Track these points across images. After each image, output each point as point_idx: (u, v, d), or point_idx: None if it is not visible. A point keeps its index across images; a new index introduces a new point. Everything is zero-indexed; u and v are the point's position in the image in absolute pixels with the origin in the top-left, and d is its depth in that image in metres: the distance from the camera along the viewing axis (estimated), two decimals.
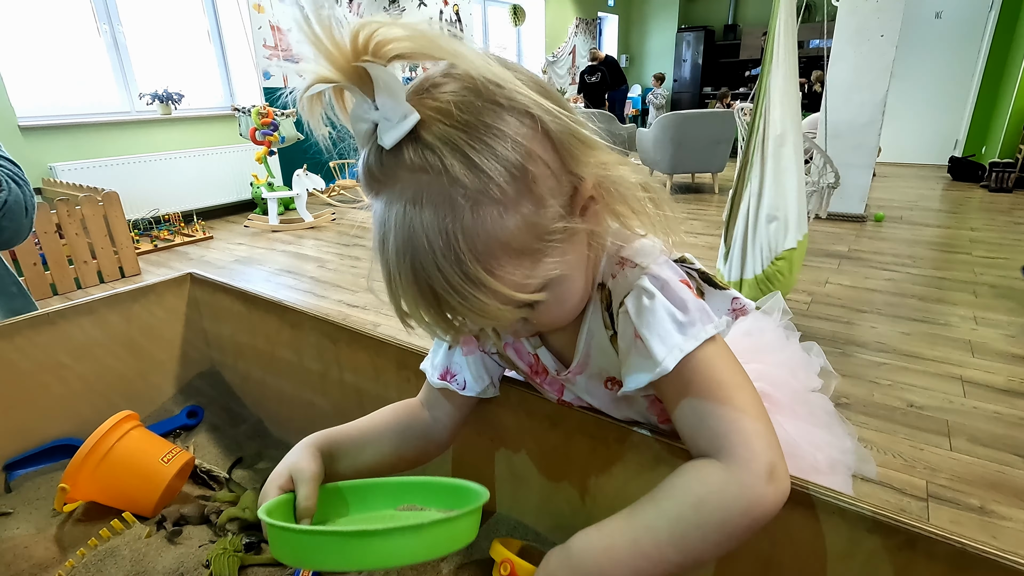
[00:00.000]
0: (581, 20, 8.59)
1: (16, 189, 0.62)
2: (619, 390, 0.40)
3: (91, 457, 0.56)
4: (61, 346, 0.67)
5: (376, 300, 2.30)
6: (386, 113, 0.30)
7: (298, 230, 4.00)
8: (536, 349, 0.46)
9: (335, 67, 0.31)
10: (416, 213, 0.30)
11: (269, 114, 3.67)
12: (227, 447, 0.74)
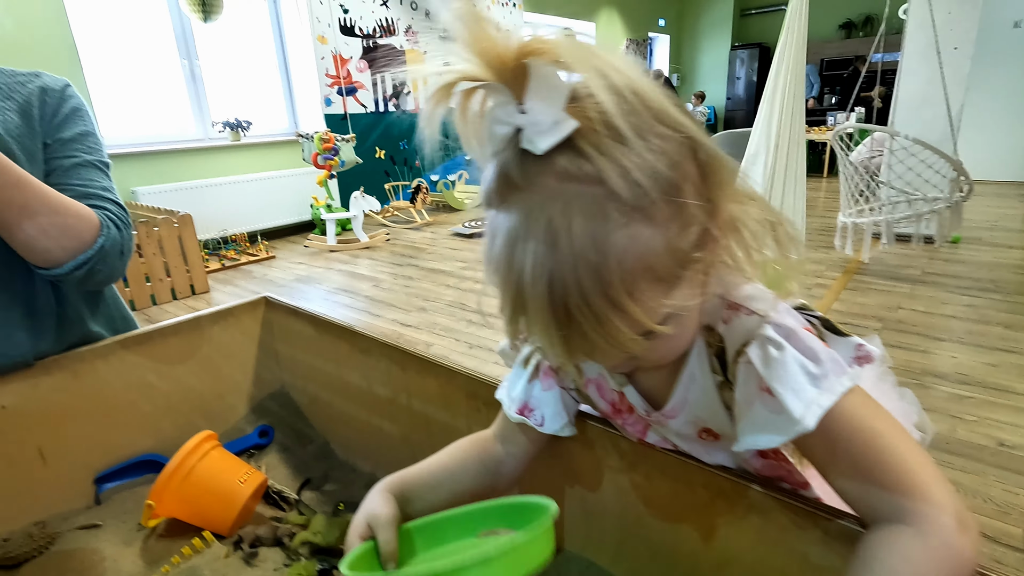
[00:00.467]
0: (631, 41, 8.60)
1: (115, 233, 0.65)
2: (717, 443, 0.38)
3: (175, 476, 0.58)
4: (149, 366, 0.71)
5: (427, 320, 2.34)
6: (538, 116, 0.29)
7: (354, 250, 4.13)
8: (622, 387, 0.44)
9: (489, 65, 0.30)
10: (563, 224, 0.28)
11: (330, 139, 3.83)
12: (296, 467, 0.75)
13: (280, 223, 4.61)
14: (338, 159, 3.88)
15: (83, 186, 0.67)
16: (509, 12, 6.40)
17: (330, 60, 4.73)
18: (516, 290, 0.31)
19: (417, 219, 4.87)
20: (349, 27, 4.84)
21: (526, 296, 0.30)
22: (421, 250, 4.03)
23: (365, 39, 4.99)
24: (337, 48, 4.77)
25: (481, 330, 2.53)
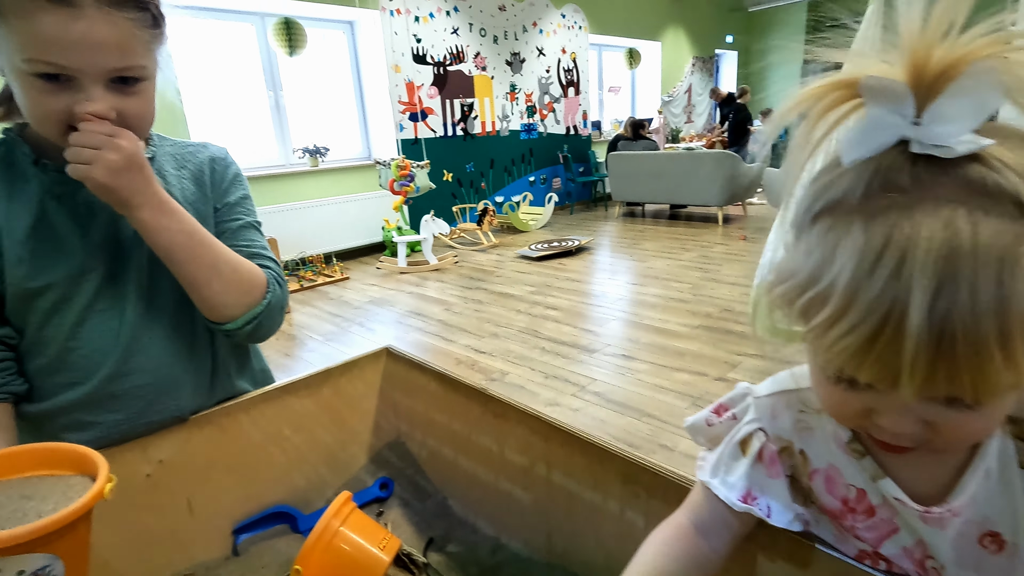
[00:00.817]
0: (698, 59, 8.45)
1: (278, 290, 0.69)
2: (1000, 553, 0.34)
3: (320, 541, 0.59)
4: (285, 418, 0.73)
5: (501, 347, 2.32)
6: (947, 125, 0.27)
7: (423, 272, 4.22)
8: (876, 480, 0.39)
9: (912, 65, 0.28)
10: (968, 232, 0.25)
11: (407, 166, 3.94)
12: (417, 524, 0.75)
13: (353, 244, 4.77)
14: (413, 185, 3.99)
15: (248, 246, 0.71)
16: (575, 35, 6.43)
17: (403, 87, 4.90)
18: (886, 312, 0.27)
19: (484, 241, 4.92)
20: (421, 55, 5.01)
21: (899, 320, 0.26)
22: (489, 273, 4.06)
23: (436, 66, 5.14)
24: (410, 76, 4.94)
25: (555, 359, 2.50)
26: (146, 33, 0.53)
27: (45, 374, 0.62)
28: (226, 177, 0.72)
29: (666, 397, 2.08)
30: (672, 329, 2.75)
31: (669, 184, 5.45)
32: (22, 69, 0.49)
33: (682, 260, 4.06)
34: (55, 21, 0.46)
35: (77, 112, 0.50)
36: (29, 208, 0.58)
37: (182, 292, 0.66)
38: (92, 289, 0.61)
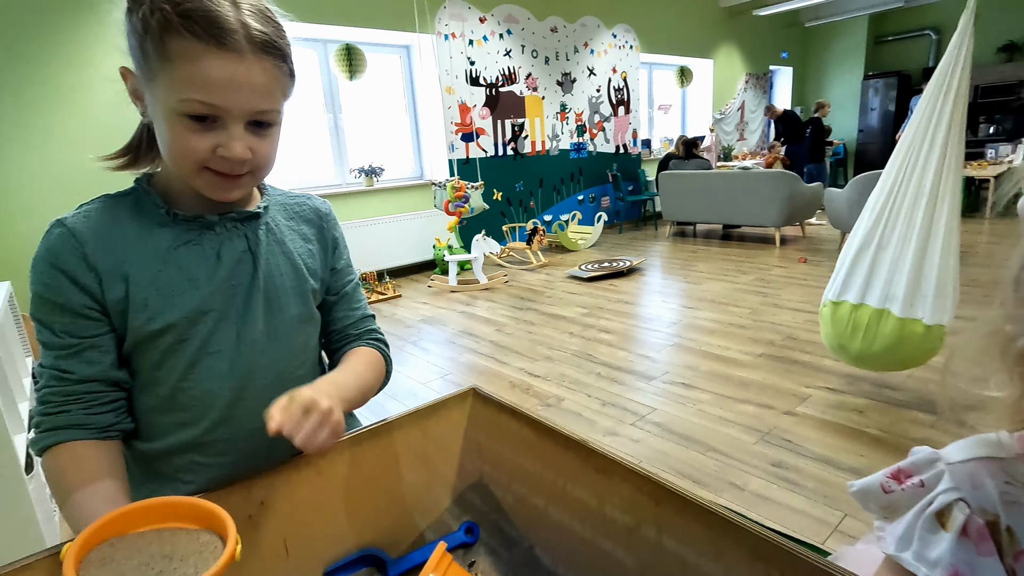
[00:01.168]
0: (751, 75, 8.28)
1: (390, 363, 0.78)
2: None
3: None
4: (376, 459, 0.72)
5: (555, 370, 2.29)
6: None
7: (473, 290, 4.24)
8: None
9: None
10: None
11: (462, 188, 3.99)
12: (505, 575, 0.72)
13: (404, 262, 4.85)
14: (468, 206, 4.04)
15: (359, 308, 0.77)
16: (626, 54, 6.42)
17: (456, 109, 4.99)
18: None
19: (533, 260, 4.91)
20: (474, 77, 5.09)
21: None
22: (539, 293, 4.04)
23: (488, 88, 5.22)
24: (463, 97, 5.02)
25: (612, 385, 2.44)
26: (285, 81, 0.58)
27: (157, 413, 0.64)
28: (337, 238, 0.76)
29: (731, 430, 2.00)
30: (733, 357, 2.65)
31: (723, 204, 5.32)
32: (175, 109, 0.52)
33: (739, 283, 3.94)
34: (219, 64, 0.51)
35: (219, 154, 0.55)
36: (158, 255, 0.60)
37: (294, 337, 0.68)
38: (207, 331, 0.62)
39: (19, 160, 3.09)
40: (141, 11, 0.51)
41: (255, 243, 0.65)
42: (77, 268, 0.56)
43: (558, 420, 2.32)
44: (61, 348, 0.57)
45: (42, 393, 0.58)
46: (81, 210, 0.60)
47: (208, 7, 0.50)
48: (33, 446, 0.57)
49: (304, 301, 0.69)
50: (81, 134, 3.25)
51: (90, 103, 3.26)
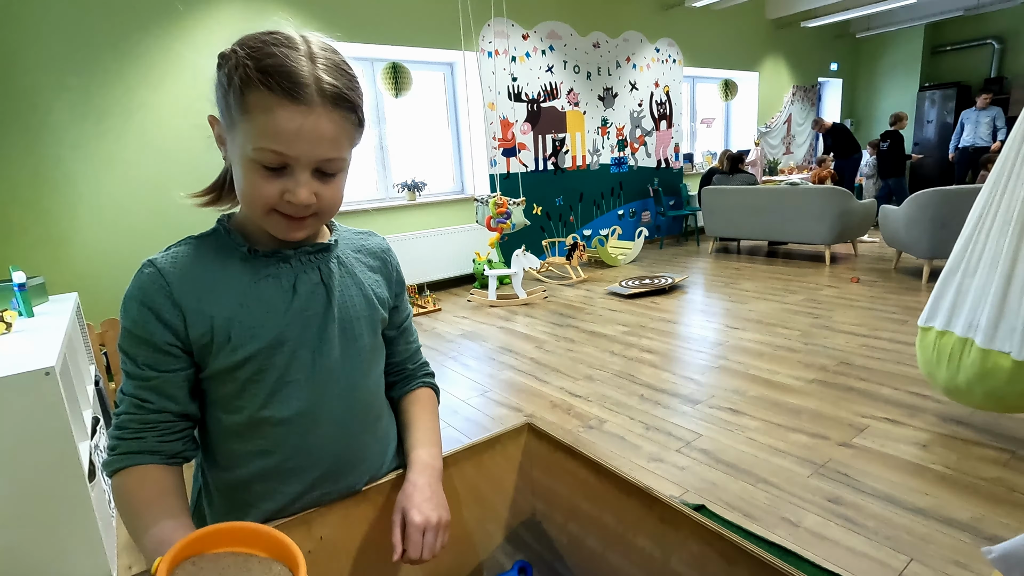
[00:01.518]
0: (798, 88, 8.07)
1: (439, 396, 0.84)
2: None
3: None
4: None
5: (596, 391, 2.25)
6: None
7: (512, 306, 4.23)
8: None
9: None
10: None
11: (504, 204, 4.01)
12: None
13: (444, 276, 4.90)
14: (510, 222, 4.05)
15: (414, 341, 0.82)
16: (669, 68, 6.36)
17: (498, 124, 5.03)
18: None
19: (573, 276, 4.88)
20: (516, 93, 5.13)
21: None
22: (579, 310, 4.00)
23: (530, 103, 5.25)
24: (504, 113, 5.07)
25: (655, 408, 2.38)
26: (352, 131, 0.61)
27: (238, 441, 0.66)
28: (400, 272, 0.79)
29: (783, 461, 1.91)
30: (783, 382, 2.55)
31: (770, 220, 5.17)
32: (250, 156, 0.56)
33: (787, 303, 3.81)
34: (289, 116, 0.54)
35: (286, 199, 0.58)
36: (239, 290, 0.63)
37: (366, 366, 0.71)
38: (285, 360, 0.64)
39: (87, 182, 3.27)
40: (227, 67, 0.56)
41: (328, 275, 0.68)
42: (163, 306, 0.60)
43: (600, 443, 2.29)
44: (141, 379, 0.61)
45: (121, 419, 0.61)
46: (170, 251, 0.64)
47: (285, 63, 0.54)
48: (107, 467, 0.60)
49: (375, 331, 0.73)
50: (141, 158, 3.42)
51: (150, 129, 3.43)
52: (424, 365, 0.83)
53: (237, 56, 0.55)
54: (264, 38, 0.56)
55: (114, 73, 3.28)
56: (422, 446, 0.71)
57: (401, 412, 0.78)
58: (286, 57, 0.54)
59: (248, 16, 3.68)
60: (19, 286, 1.86)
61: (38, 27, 3.05)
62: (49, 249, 3.19)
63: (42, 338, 1.60)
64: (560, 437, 0.76)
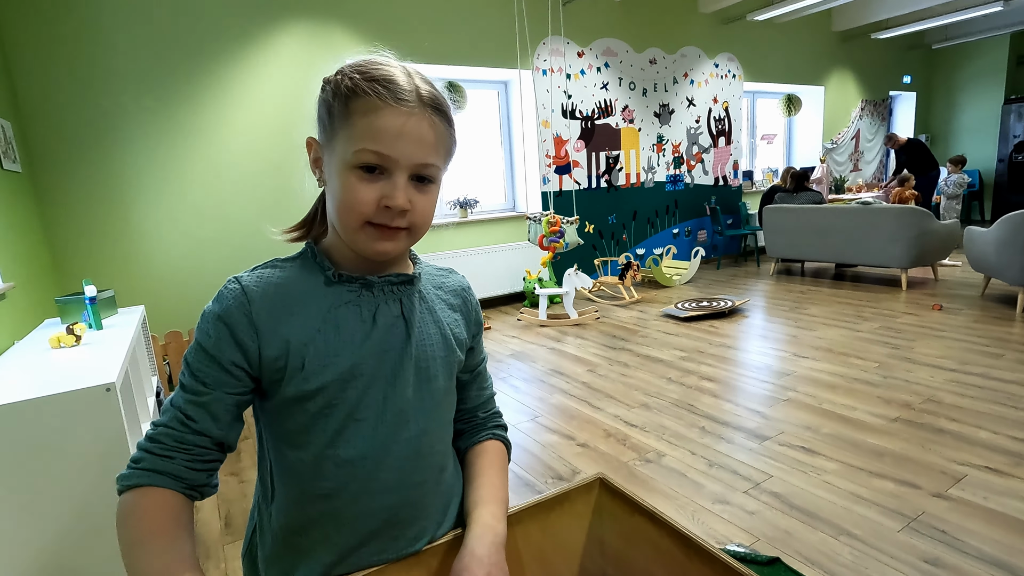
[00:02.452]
0: (868, 102, 7.67)
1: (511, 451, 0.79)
2: None
3: None
4: None
5: (653, 420, 2.11)
6: None
7: (563, 326, 4.13)
8: None
9: None
10: None
11: (557, 222, 3.95)
12: None
13: (494, 293, 4.85)
14: (563, 241, 3.98)
15: (487, 388, 0.78)
16: (728, 83, 6.17)
17: (551, 142, 4.99)
18: None
19: (625, 296, 4.74)
20: (570, 111, 5.08)
21: None
22: (632, 332, 3.86)
23: (584, 121, 5.19)
24: (558, 131, 5.02)
25: (718, 443, 2.23)
26: (448, 142, 0.61)
27: (299, 481, 0.62)
28: (479, 313, 0.76)
29: (867, 511, 1.72)
30: (861, 419, 2.34)
31: (837, 241, 4.88)
32: (349, 162, 0.57)
33: (861, 331, 3.54)
34: (392, 116, 0.56)
35: (383, 204, 0.57)
36: (319, 315, 0.61)
37: (438, 409, 0.67)
38: (356, 396, 0.61)
39: (157, 198, 3.43)
40: (332, 83, 0.59)
41: (409, 309, 0.66)
42: (240, 324, 0.59)
43: (659, 479, 2.14)
44: (193, 393, 0.59)
45: (158, 431, 0.58)
46: (256, 271, 0.63)
47: (389, 73, 0.57)
48: (123, 480, 0.56)
49: (450, 374, 0.69)
50: (206, 176, 3.56)
51: (217, 148, 3.57)
52: (496, 415, 0.78)
53: (343, 73, 0.58)
54: (369, 59, 0.60)
55: (186, 95, 3.44)
56: (485, 504, 0.65)
57: (467, 465, 0.73)
58: (391, 72, 0.58)
59: (313, 39, 3.80)
60: (90, 299, 1.92)
61: (123, 51, 3.24)
62: (119, 262, 3.34)
63: (107, 352, 1.63)
64: (632, 493, 0.67)
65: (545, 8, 4.76)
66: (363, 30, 4.00)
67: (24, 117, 3.02)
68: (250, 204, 3.67)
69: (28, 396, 1.24)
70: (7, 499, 1.23)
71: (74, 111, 3.15)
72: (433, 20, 4.27)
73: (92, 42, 3.16)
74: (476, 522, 0.62)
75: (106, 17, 3.18)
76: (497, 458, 0.73)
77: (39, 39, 3.02)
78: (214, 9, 3.47)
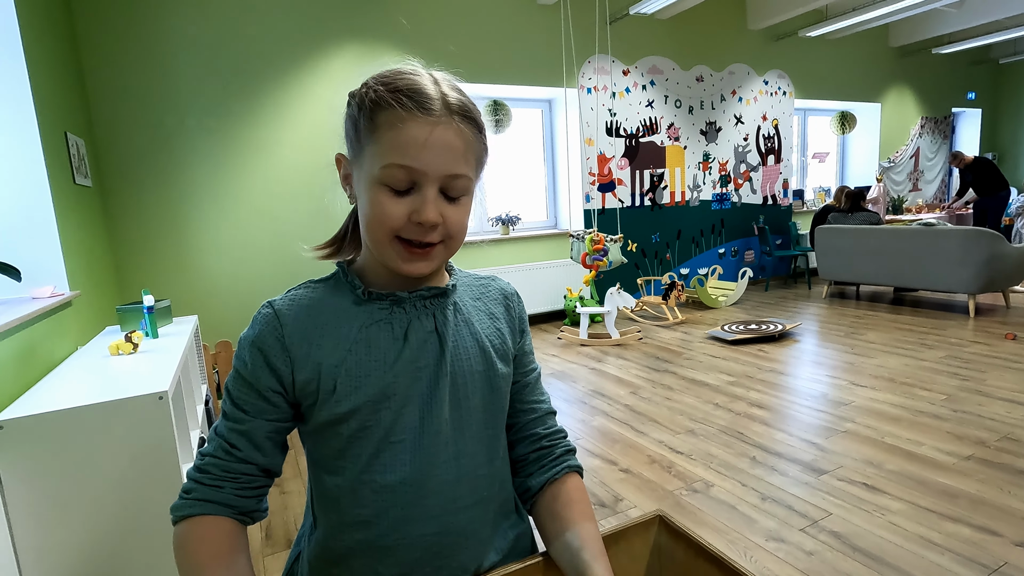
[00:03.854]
0: (928, 119, 7.34)
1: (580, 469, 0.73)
2: None
3: None
4: None
5: (700, 448, 1.99)
6: None
7: (604, 345, 4.05)
8: None
9: None
10: None
11: (601, 241, 3.90)
12: None
13: (535, 311, 4.82)
14: (606, 260, 3.92)
15: (543, 401, 0.73)
16: (778, 101, 6.02)
17: (594, 159, 4.96)
18: None
19: (669, 317, 4.62)
20: (615, 128, 5.05)
21: None
22: (676, 354, 3.74)
23: (628, 138, 5.14)
24: (602, 148, 4.99)
25: (771, 475, 2.11)
26: (478, 149, 0.59)
27: (336, 508, 0.60)
28: (524, 319, 0.72)
29: (941, 558, 1.58)
30: (930, 456, 2.17)
31: (897, 263, 4.63)
32: (377, 177, 0.55)
33: (925, 360, 3.32)
34: (418, 126, 0.54)
35: (413, 219, 0.55)
36: (350, 335, 0.60)
37: (479, 429, 0.63)
38: (391, 418, 0.59)
39: (213, 212, 3.57)
40: (358, 97, 0.57)
41: (442, 323, 0.63)
42: (273, 350, 0.59)
43: (707, 510, 2.03)
44: (235, 421, 0.59)
45: (205, 461, 0.58)
46: (289, 294, 0.63)
47: (414, 82, 0.55)
48: (177, 511, 0.57)
49: (491, 388, 0.65)
50: (261, 192, 3.68)
51: (271, 165, 3.70)
52: (560, 436, 0.72)
53: (368, 86, 0.56)
54: (392, 68, 0.58)
55: (242, 115, 3.59)
56: (596, 560, 0.58)
57: (553, 506, 0.66)
58: (415, 81, 0.55)
59: (361, 61, 3.91)
60: (148, 308, 1.99)
61: (187, 73, 3.41)
62: (175, 274, 3.48)
63: (162, 360, 1.68)
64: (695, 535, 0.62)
65: (592, 27, 4.77)
66: (410, 52, 4.09)
67: (96, 135, 3.20)
68: (298, 220, 3.77)
69: (86, 402, 1.28)
70: (60, 498, 1.26)
71: (140, 130, 3.32)
72: (480, 41, 4.34)
73: (160, 65, 3.34)
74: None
75: (173, 42, 3.36)
76: (583, 499, 0.66)
77: (113, 63, 3.22)
78: (270, 34, 3.63)
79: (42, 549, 1.25)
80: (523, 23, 4.50)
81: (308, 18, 3.72)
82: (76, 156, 2.61)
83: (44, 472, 1.24)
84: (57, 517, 1.26)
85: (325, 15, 3.78)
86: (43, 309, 1.81)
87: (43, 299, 1.96)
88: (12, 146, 2.05)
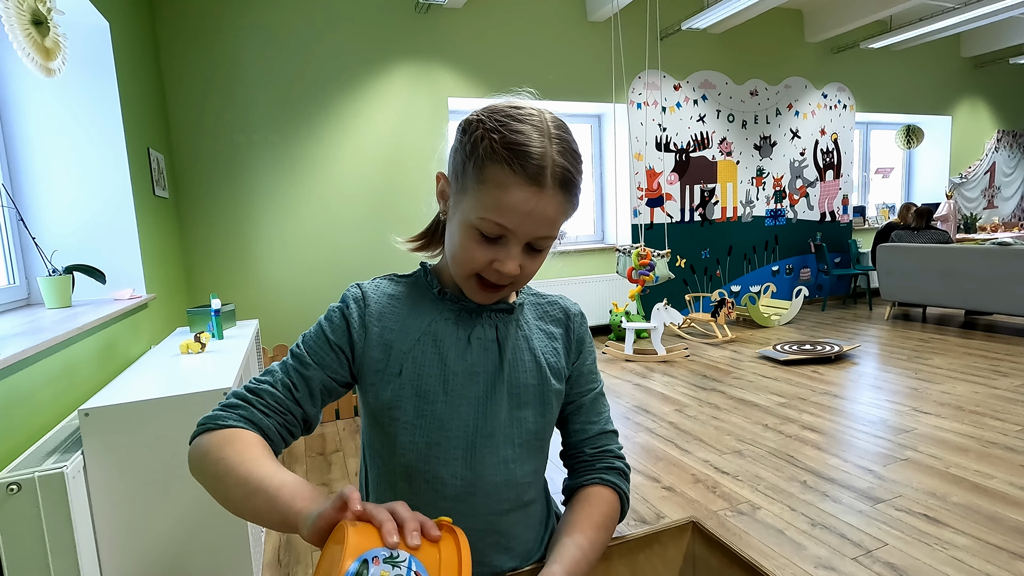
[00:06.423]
0: (1005, 132, 6.91)
1: (627, 501, 0.72)
2: None
3: None
4: None
5: (747, 469, 1.93)
6: None
7: (650, 362, 4.00)
8: None
9: None
10: None
11: (647, 255, 3.87)
12: None
13: None
14: (653, 275, 3.89)
15: (598, 421, 0.72)
16: (838, 115, 5.82)
17: (643, 175, 4.94)
18: None
19: (718, 334, 4.51)
20: (665, 143, 5.02)
21: None
22: (724, 372, 3.65)
23: (678, 153, 5.09)
24: (651, 163, 4.96)
25: (822, 500, 2.03)
26: (570, 211, 0.61)
27: (391, 494, 0.65)
28: (584, 339, 0.75)
29: None
30: (1000, 490, 2.03)
31: (969, 285, 4.36)
32: (472, 223, 0.58)
33: (998, 387, 3.11)
34: (522, 195, 0.55)
35: (494, 267, 0.59)
36: (420, 327, 0.65)
37: (527, 439, 0.65)
38: (447, 412, 0.63)
39: (275, 223, 3.77)
40: (473, 136, 0.57)
41: (504, 335, 0.67)
42: (354, 319, 0.64)
43: (753, 534, 1.98)
44: (300, 362, 0.63)
45: (263, 387, 0.60)
46: (375, 281, 0.69)
47: (528, 142, 0.55)
48: (215, 421, 0.57)
49: (543, 403, 0.68)
50: (320, 204, 3.87)
51: (329, 179, 3.89)
52: (607, 454, 0.71)
53: (484, 127, 0.57)
54: (510, 112, 0.58)
55: (304, 132, 3.79)
56: (557, 563, 0.57)
57: (567, 509, 0.68)
58: (529, 137, 0.55)
59: (417, 79, 4.07)
60: (215, 311, 2.13)
61: (256, 92, 3.65)
62: (240, 280, 3.69)
63: (226, 359, 1.79)
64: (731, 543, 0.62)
65: (642, 43, 4.78)
66: (463, 71, 4.22)
67: (174, 150, 3.46)
68: (353, 232, 3.93)
69: (160, 395, 1.39)
70: (135, 484, 1.37)
71: (213, 145, 3.57)
72: (531, 58, 4.43)
73: (232, 84, 3.58)
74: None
75: (246, 64, 3.60)
76: (597, 510, 0.65)
77: (190, 85, 3.48)
78: (332, 58, 3.83)
79: (118, 532, 1.36)
80: (575, 40, 4.57)
81: (367, 40, 3.91)
82: (156, 170, 2.84)
83: (122, 459, 1.35)
84: (132, 502, 1.37)
85: (384, 36, 3.96)
86: (123, 310, 1.98)
87: (123, 300, 2.14)
88: (103, 160, 2.25)
